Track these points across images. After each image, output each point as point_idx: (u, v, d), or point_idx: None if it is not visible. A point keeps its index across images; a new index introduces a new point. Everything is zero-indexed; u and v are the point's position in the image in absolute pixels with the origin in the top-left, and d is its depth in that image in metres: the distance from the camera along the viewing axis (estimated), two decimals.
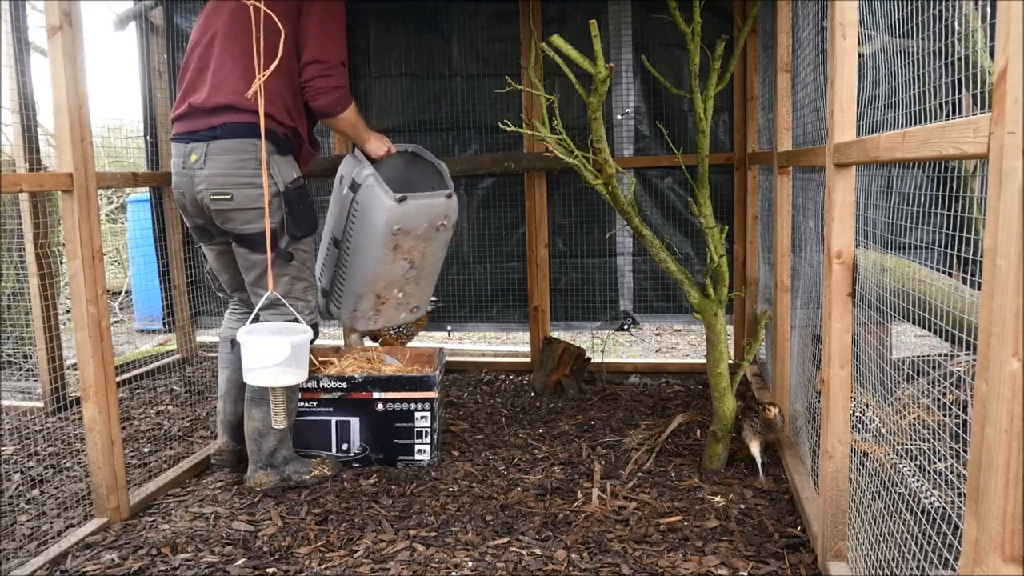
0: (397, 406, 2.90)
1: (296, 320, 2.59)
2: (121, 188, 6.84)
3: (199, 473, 2.89)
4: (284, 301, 2.60)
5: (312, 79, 2.61)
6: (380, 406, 2.91)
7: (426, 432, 2.91)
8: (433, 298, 3.58)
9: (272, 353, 2.34)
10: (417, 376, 2.91)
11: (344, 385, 2.89)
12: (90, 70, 2.33)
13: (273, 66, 2.37)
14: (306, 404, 2.91)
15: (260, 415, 2.69)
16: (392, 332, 3.63)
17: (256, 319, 2.62)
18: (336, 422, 2.92)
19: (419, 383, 2.89)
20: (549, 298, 4.21)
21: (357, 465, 2.92)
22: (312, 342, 2.72)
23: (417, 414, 2.90)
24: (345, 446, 2.93)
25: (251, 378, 2.36)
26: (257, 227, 2.56)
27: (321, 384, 2.90)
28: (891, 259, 1.69)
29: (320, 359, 3.24)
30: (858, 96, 1.77)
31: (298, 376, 2.40)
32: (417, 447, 2.91)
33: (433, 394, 2.89)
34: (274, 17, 2.41)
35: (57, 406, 3.55)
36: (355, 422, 2.92)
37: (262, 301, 2.57)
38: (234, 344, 3.01)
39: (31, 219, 3.54)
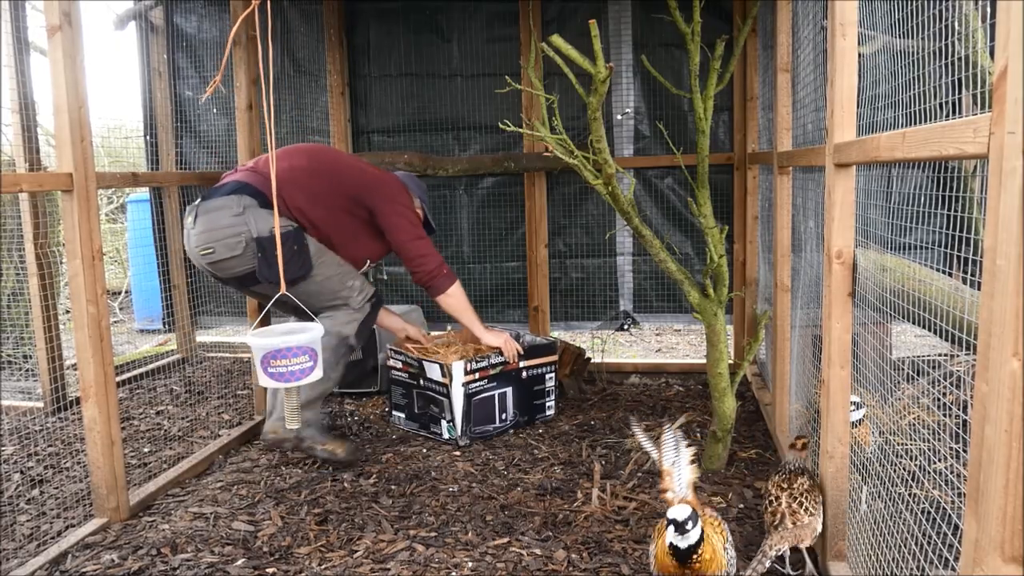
0: (535, 371, 3.29)
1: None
2: (121, 188, 6.84)
3: (199, 473, 2.89)
4: (326, 307, 2.85)
5: (422, 256, 2.90)
6: (524, 374, 3.24)
7: (551, 391, 3.36)
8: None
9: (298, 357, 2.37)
10: (548, 342, 3.34)
11: (504, 358, 3.16)
12: (90, 70, 2.33)
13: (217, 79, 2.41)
14: (480, 382, 3.10)
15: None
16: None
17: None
18: (498, 395, 3.17)
19: (547, 349, 3.32)
20: (549, 298, 4.21)
21: (511, 431, 3.21)
22: (378, 308, 2.98)
23: (547, 376, 3.33)
24: (503, 416, 3.21)
25: (260, 380, 2.37)
26: (246, 267, 2.70)
27: (490, 361, 3.13)
28: (891, 259, 1.69)
29: (414, 347, 3.30)
30: (858, 96, 1.77)
31: (319, 373, 2.43)
32: (547, 405, 3.36)
33: (555, 357, 3.36)
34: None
35: (57, 406, 3.55)
36: (509, 392, 3.21)
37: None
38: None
39: (31, 219, 3.53)
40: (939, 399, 2.15)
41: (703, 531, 1.68)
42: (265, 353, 2.35)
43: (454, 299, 2.97)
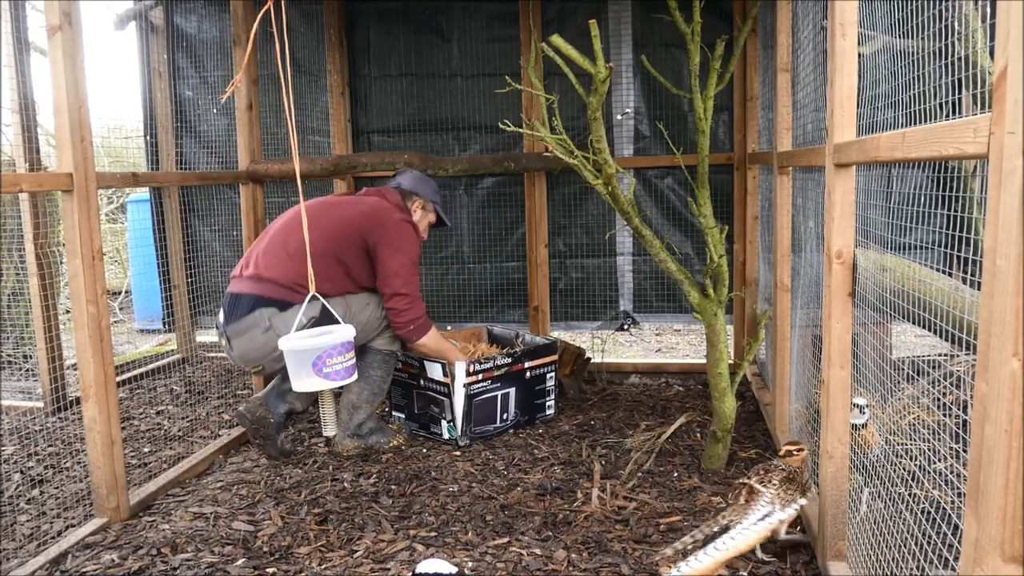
0: (537, 371, 3.30)
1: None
2: (121, 188, 6.84)
3: (199, 473, 2.89)
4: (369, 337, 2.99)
5: (396, 310, 2.92)
6: (528, 374, 3.27)
7: (551, 390, 3.37)
8: None
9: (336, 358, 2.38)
10: (549, 342, 3.36)
11: (510, 360, 3.19)
12: (90, 70, 2.33)
13: (230, 87, 2.44)
14: (483, 383, 3.11)
15: (357, 389, 2.98)
16: None
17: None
18: (500, 395, 3.19)
19: (549, 349, 3.34)
20: (549, 298, 4.21)
21: (511, 431, 3.23)
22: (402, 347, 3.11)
23: (547, 376, 3.34)
24: (505, 416, 3.22)
25: (303, 385, 2.38)
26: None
27: (495, 363, 3.14)
28: (891, 259, 1.69)
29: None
30: (858, 96, 1.77)
31: (353, 375, 2.46)
32: (547, 404, 3.38)
33: (555, 357, 3.37)
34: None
35: (57, 406, 3.55)
36: (512, 392, 3.22)
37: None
38: None
39: (31, 219, 3.54)
40: (939, 399, 2.15)
41: None
42: (320, 354, 2.35)
43: (426, 348, 3.04)
